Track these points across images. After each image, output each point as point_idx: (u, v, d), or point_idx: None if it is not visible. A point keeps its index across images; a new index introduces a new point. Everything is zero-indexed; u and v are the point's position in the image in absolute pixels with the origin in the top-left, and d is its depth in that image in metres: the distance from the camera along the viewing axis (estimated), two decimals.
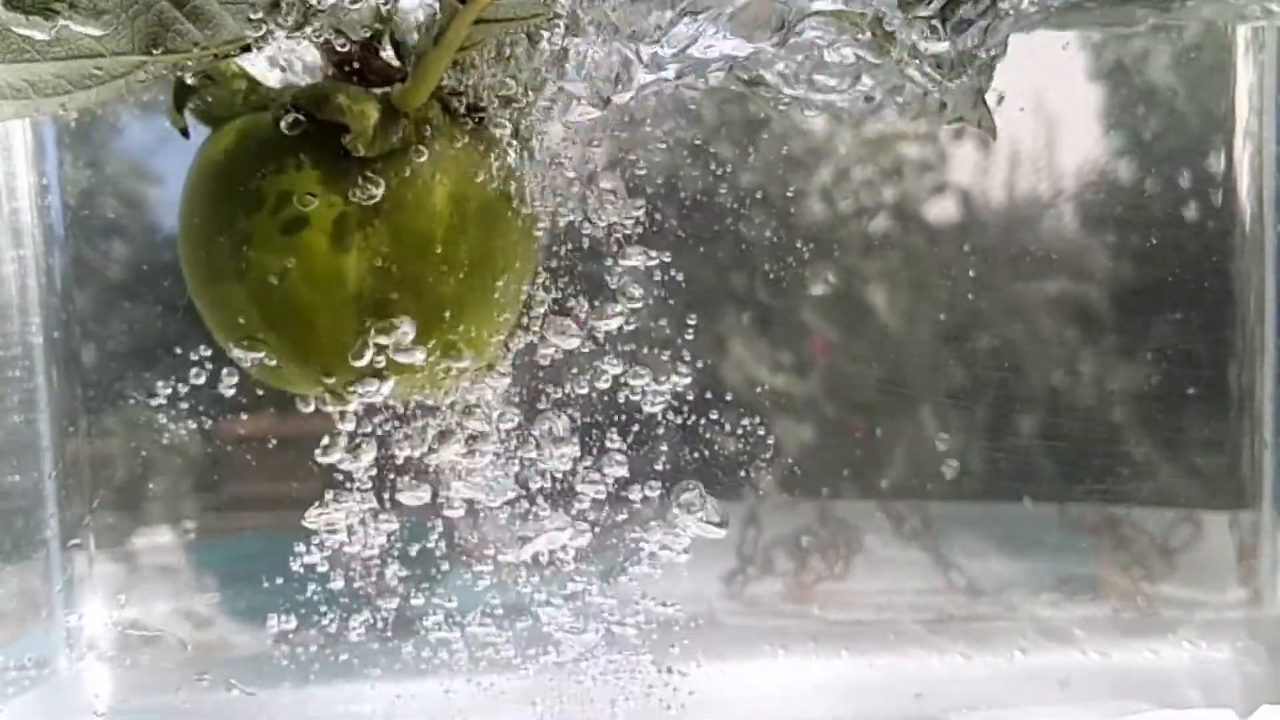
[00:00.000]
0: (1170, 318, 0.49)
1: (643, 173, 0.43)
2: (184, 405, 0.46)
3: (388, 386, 0.34)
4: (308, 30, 0.32)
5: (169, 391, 0.45)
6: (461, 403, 0.39)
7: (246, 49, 0.32)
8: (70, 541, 0.47)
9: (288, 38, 0.32)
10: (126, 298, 0.46)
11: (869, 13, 0.33)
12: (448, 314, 0.34)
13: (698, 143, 0.46)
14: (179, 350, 0.45)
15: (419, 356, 0.33)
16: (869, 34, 0.34)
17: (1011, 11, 0.34)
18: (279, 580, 0.45)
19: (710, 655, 0.47)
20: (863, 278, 0.48)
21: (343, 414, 0.38)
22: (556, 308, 0.39)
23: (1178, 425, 0.49)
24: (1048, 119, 0.47)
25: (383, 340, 0.33)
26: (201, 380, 0.44)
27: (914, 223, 0.48)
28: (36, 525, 0.47)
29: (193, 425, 0.46)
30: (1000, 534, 0.50)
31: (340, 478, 0.41)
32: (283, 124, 0.32)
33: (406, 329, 0.33)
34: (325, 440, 0.39)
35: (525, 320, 0.38)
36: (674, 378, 0.45)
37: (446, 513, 0.44)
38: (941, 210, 0.48)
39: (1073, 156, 0.48)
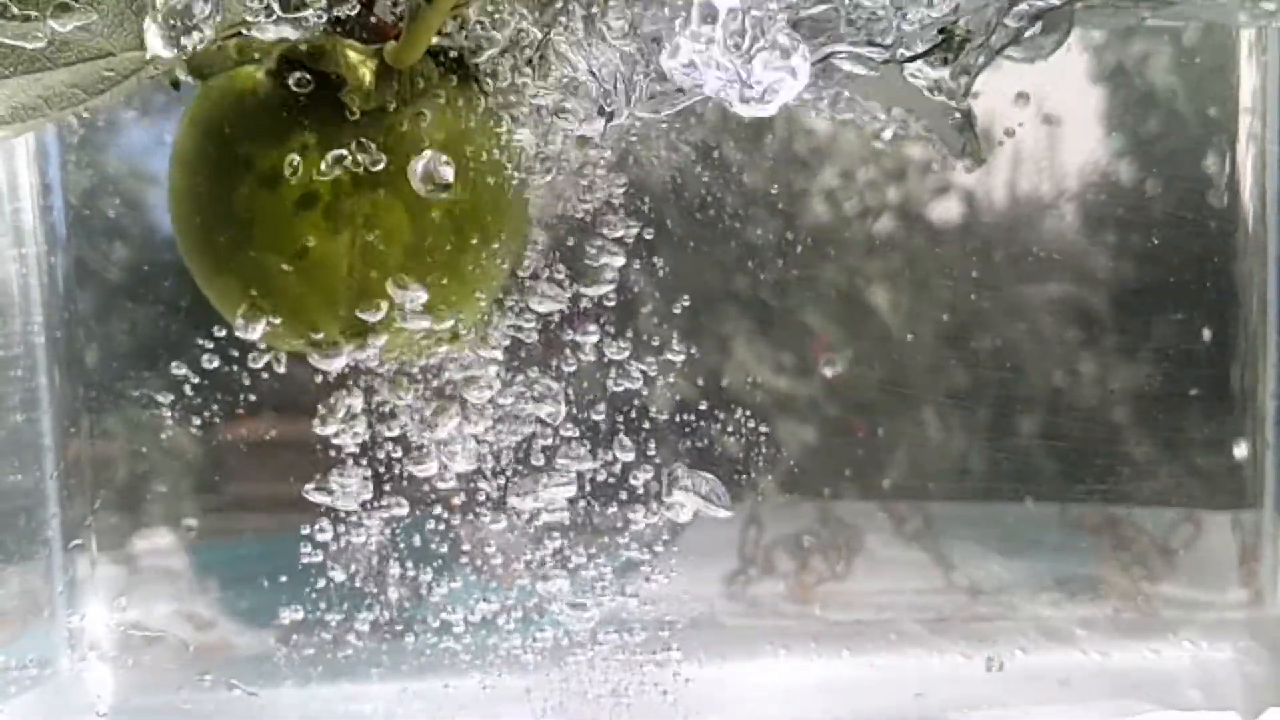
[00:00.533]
0: (1172, 318, 0.49)
1: (638, 150, 0.43)
2: (185, 406, 0.46)
3: (376, 343, 0.34)
4: (308, 8, 0.32)
5: (171, 392, 0.46)
6: (458, 377, 0.39)
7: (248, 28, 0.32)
8: (72, 542, 0.47)
9: (289, 13, 0.32)
10: (128, 298, 0.46)
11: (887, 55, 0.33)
12: (437, 273, 0.33)
13: (696, 136, 0.46)
14: (181, 351, 0.45)
15: (414, 315, 0.33)
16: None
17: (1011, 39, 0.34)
18: (280, 580, 0.45)
19: (712, 655, 0.47)
20: (865, 278, 0.48)
21: (344, 387, 0.38)
22: (550, 285, 0.39)
23: (1179, 425, 0.49)
24: (1050, 120, 0.47)
25: (380, 297, 0.33)
26: (203, 381, 0.45)
27: (918, 223, 0.48)
28: (38, 525, 0.47)
29: (194, 426, 0.46)
30: (1001, 534, 0.50)
31: (338, 455, 0.41)
32: (277, 79, 0.32)
33: (405, 285, 0.33)
34: (323, 409, 0.38)
35: (516, 289, 0.38)
36: (673, 376, 0.45)
37: (445, 509, 0.45)
38: (945, 211, 0.48)
39: (1076, 158, 0.48)
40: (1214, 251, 0.48)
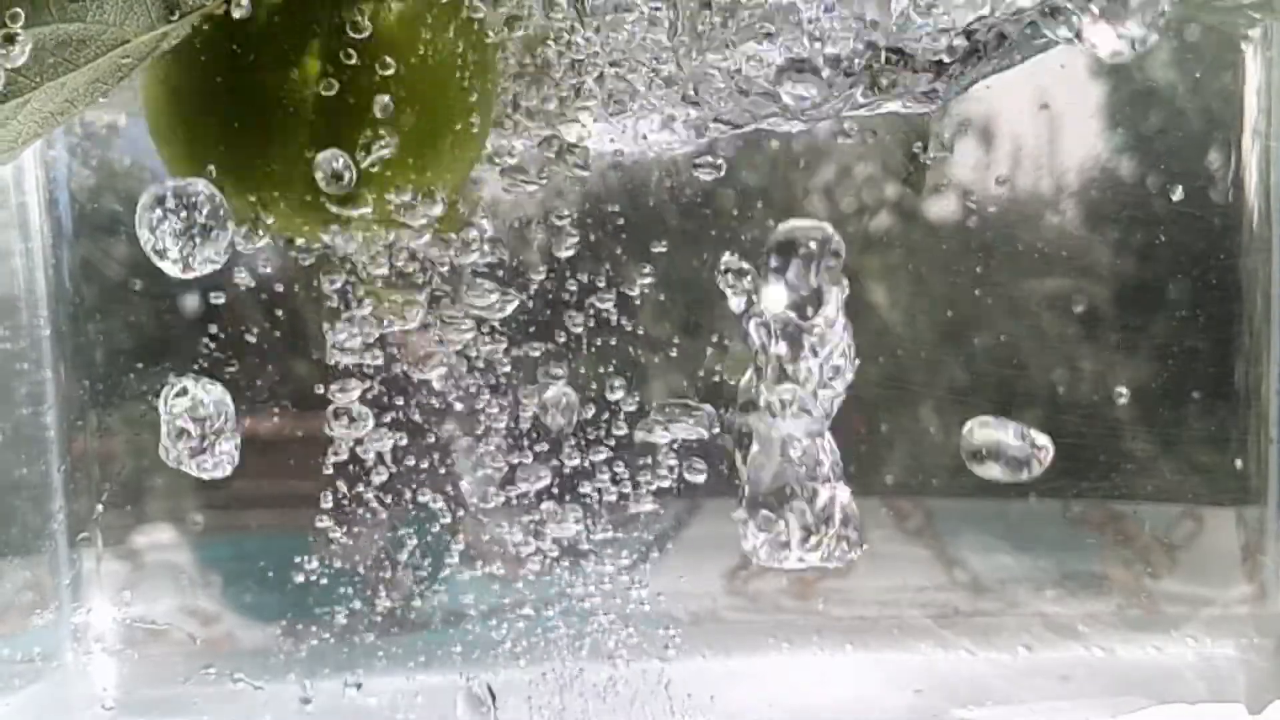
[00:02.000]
0: (1177, 315, 0.49)
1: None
2: None
3: (351, 212, 0.34)
4: None
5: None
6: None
7: None
8: (78, 536, 0.47)
9: None
10: (134, 293, 0.47)
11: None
12: (406, 144, 0.34)
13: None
14: (186, 345, 0.45)
15: (382, 189, 0.34)
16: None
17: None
18: (284, 575, 0.46)
19: (714, 650, 0.47)
20: (868, 274, 0.48)
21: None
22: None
23: (1183, 422, 0.49)
24: (1054, 117, 0.47)
25: (340, 163, 0.33)
26: (208, 376, 0.45)
27: (923, 220, 0.48)
28: (44, 519, 0.47)
29: None
30: (1004, 530, 0.50)
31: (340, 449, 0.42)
32: None
33: (373, 149, 0.33)
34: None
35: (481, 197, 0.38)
36: (673, 372, 0.45)
37: (449, 502, 0.45)
38: (950, 208, 0.48)
39: (1080, 154, 0.48)
40: (1218, 248, 0.48)
